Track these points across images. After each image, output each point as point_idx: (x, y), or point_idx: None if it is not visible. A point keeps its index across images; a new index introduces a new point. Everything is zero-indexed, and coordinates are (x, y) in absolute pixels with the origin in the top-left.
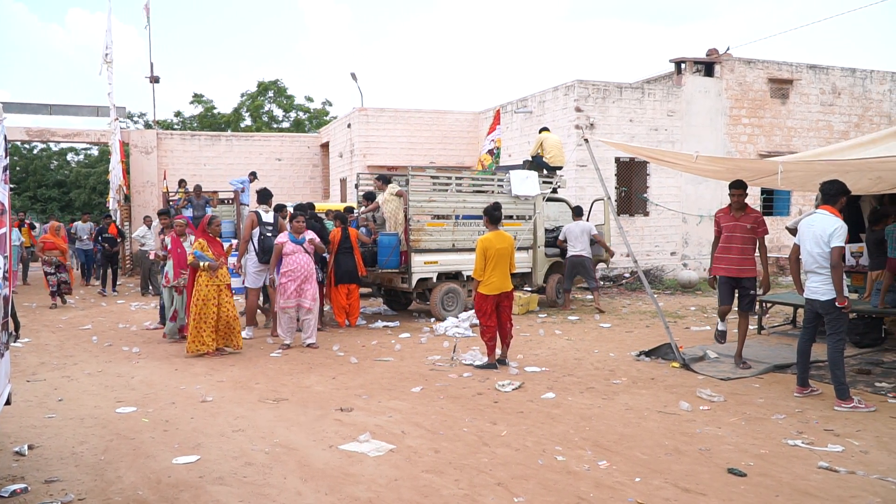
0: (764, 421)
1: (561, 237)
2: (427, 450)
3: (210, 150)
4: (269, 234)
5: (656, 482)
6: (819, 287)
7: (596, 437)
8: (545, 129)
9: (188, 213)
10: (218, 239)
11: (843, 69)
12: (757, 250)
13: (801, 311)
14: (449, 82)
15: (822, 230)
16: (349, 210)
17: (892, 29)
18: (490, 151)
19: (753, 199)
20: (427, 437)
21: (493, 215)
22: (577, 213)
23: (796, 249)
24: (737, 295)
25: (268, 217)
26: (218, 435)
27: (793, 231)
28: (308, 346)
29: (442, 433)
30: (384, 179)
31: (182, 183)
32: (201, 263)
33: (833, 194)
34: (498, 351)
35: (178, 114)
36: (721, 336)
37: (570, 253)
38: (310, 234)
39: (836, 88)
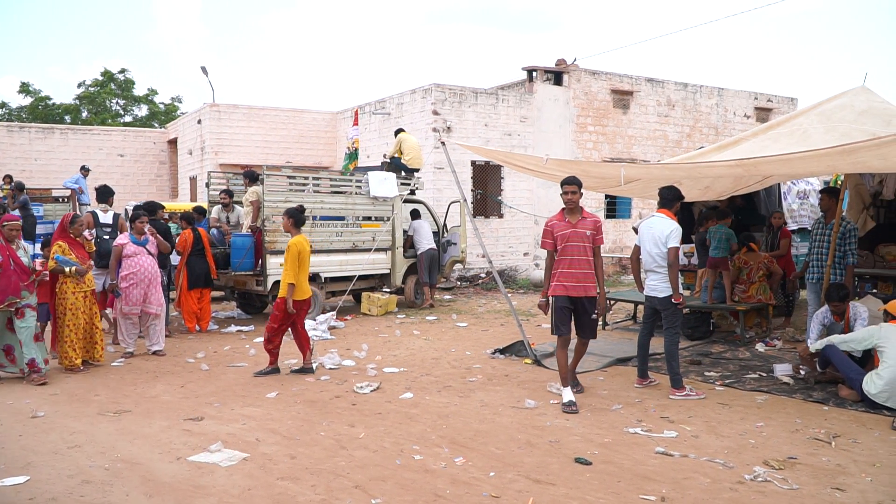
0: (607, 411)
1: (410, 231)
2: (283, 456)
3: (42, 144)
4: (107, 237)
5: (510, 475)
6: (657, 285)
7: (453, 434)
8: (402, 130)
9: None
10: (79, 240)
11: (677, 83)
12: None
13: (641, 307)
14: (307, 81)
15: (660, 232)
16: (199, 210)
17: (719, 47)
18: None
19: (598, 202)
20: (283, 443)
21: (298, 218)
22: (416, 215)
23: (637, 250)
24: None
25: (106, 217)
26: (51, 453)
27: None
28: (154, 353)
29: (298, 438)
30: (251, 177)
31: (7, 179)
32: (66, 269)
33: (670, 199)
34: (280, 359)
35: (2, 105)
36: (572, 406)
37: (425, 248)
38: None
39: (671, 101)
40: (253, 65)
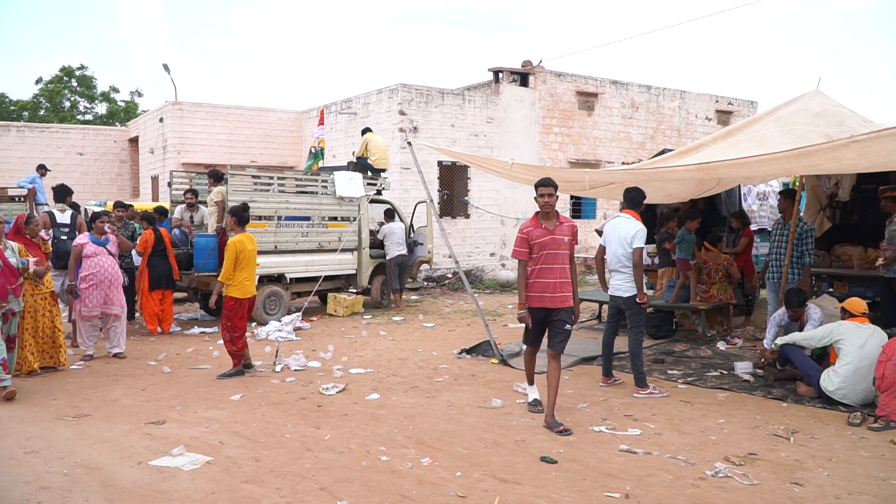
0: (573, 410)
1: (380, 236)
2: (247, 459)
3: None
4: (65, 237)
5: (476, 475)
6: (622, 284)
7: (419, 435)
8: (368, 129)
9: None
10: (35, 241)
11: (641, 86)
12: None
13: (605, 306)
14: (272, 80)
15: (626, 232)
16: (161, 210)
17: (681, 50)
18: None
19: (563, 202)
20: (247, 446)
21: (241, 216)
22: (390, 215)
23: (602, 250)
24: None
25: (63, 217)
26: (7, 459)
27: (602, 233)
28: (115, 356)
29: (263, 441)
30: (215, 176)
31: None
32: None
33: (636, 200)
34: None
35: None
36: (538, 405)
37: (395, 253)
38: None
39: (635, 103)
40: (217, 63)
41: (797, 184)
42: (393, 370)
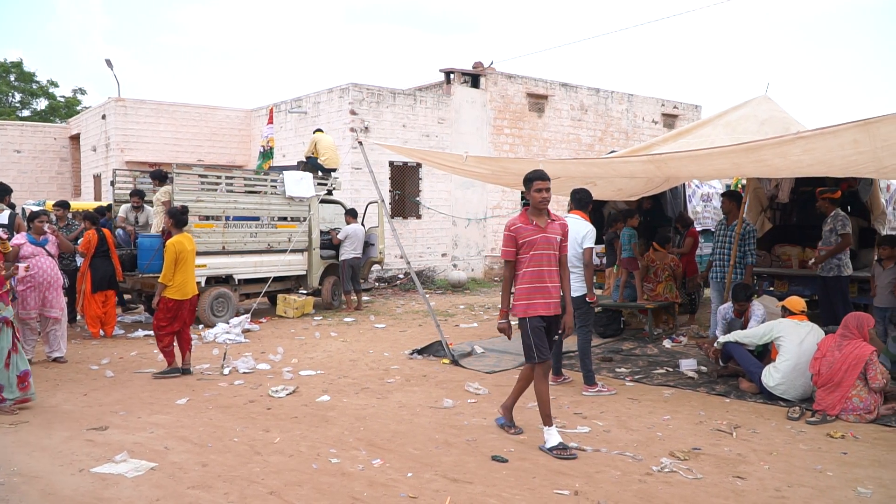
0: (524, 409)
1: (341, 236)
2: (194, 464)
3: None
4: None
5: (427, 475)
6: (572, 284)
7: (370, 436)
8: (319, 130)
9: None
10: None
11: (589, 88)
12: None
13: None
14: (220, 78)
15: (576, 233)
16: (101, 210)
17: (628, 54)
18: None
19: (514, 203)
20: (194, 451)
21: (179, 218)
22: (353, 214)
23: None
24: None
25: (1, 217)
26: None
27: None
28: (54, 360)
29: (210, 445)
30: (160, 177)
31: None
32: None
33: (584, 201)
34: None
35: None
36: (565, 449)
37: (351, 255)
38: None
39: (584, 105)
40: (164, 60)
41: (739, 186)
42: (344, 371)
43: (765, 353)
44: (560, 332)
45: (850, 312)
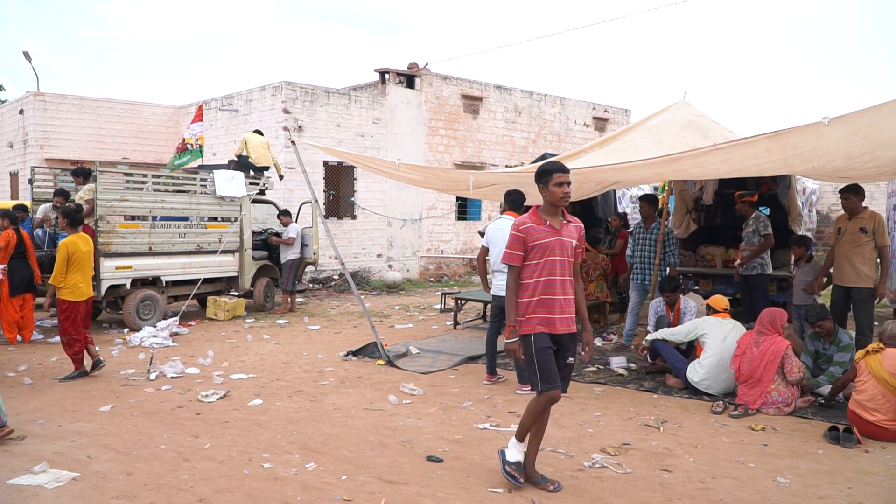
0: (458, 409)
1: (293, 234)
2: (118, 473)
3: None
4: None
5: (362, 477)
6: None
7: (304, 439)
8: (258, 131)
9: None
10: None
11: (523, 91)
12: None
13: (490, 306)
14: (147, 73)
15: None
16: (20, 208)
17: (561, 58)
18: (177, 147)
19: (450, 203)
20: (118, 459)
21: (74, 217)
22: (288, 215)
23: (484, 251)
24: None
25: None
26: None
27: (484, 234)
28: None
29: (136, 453)
30: (83, 174)
31: None
32: None
33: (518, 202)
34: None
35: None
36: (520, 469)
37: (293, 255)
38: None
39: (518, 108)
40: (87, 54)
41: (666, 189)
42: (277, 374)
43: (690, 349)
44: (579, 351)
45: (765, 308)
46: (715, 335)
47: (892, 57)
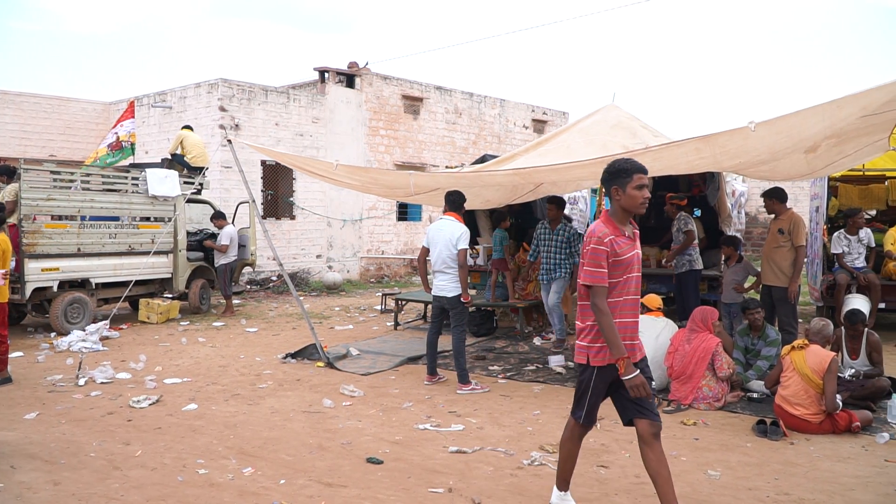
0: (399, 410)
1: (225, 241)
2: (44, 483)
3: None
4: None
5: (301, 481)
6: (446, 285)
7: (241, 444)
8: (188, 126)
9: None
10: None
11: (464, 92)
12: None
13: (430, 307)
14: (75, 68)
15: (451, 234)
16: None
17: (501, 59)
18: (111, 145)
19: (391, 204)
20: (44, 468)
21: None
22: (223, 217)
23: (424, 251)
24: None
25: None
26: None
27: None
28: None
29: (63, 462)
30: (7, 172)
31: None
32: None
33: (459, 203)
34: None
35: None
36: None
37: (226, 260)
38: None
39: (458, 109)
40: (10, 46)
41: (602, 189)
42: (213, 378)
43: None
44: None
45: (697, 307)
46: (649, 333)
47: (810, 62)
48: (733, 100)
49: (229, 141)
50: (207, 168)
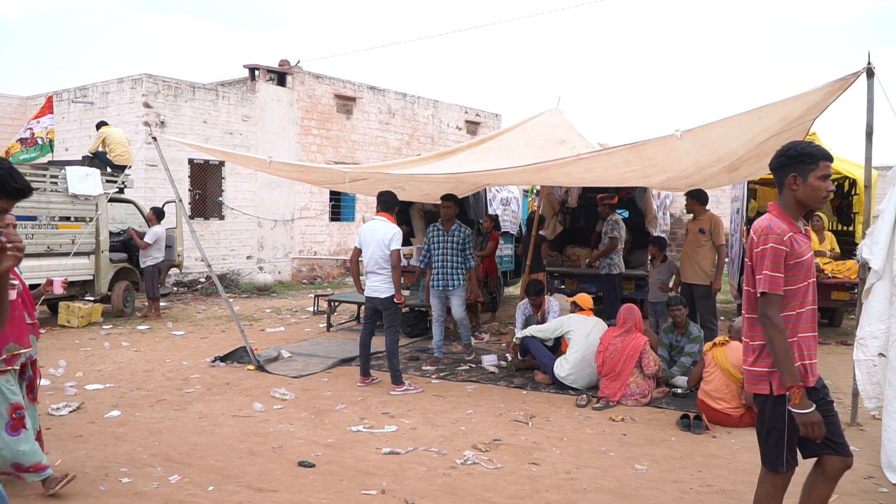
0: (331, 412)
1: (150, 239)
2: None
3: None
4: None
5: (230, 487)
6: (380, 285)
7: (167, 451)
8: (104, 123)
9: None
10: None
11: (397, 93)
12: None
13: (363, 308)
14: None
15: (384, 235)
16: None
17: (435, 61)
18: (24, 141)
19: (323, 205)
20: None
21: None
22: (159, 215)
23: (357, 252)
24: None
25: None
26: None
27: None
28: None
29: None
30: None
31: None
32: None
33: (390, 203)
34: None
35: None
36: None
37: (152, 262)
38: None
39: (392, 109)
40: None
41: (534, 191)
42: (137, 383)
43: (557, 346)
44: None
45: (621, 306)
46: (580, 332)
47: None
48: (668, 107)
49: (154, 138)
50: (130, 167)
